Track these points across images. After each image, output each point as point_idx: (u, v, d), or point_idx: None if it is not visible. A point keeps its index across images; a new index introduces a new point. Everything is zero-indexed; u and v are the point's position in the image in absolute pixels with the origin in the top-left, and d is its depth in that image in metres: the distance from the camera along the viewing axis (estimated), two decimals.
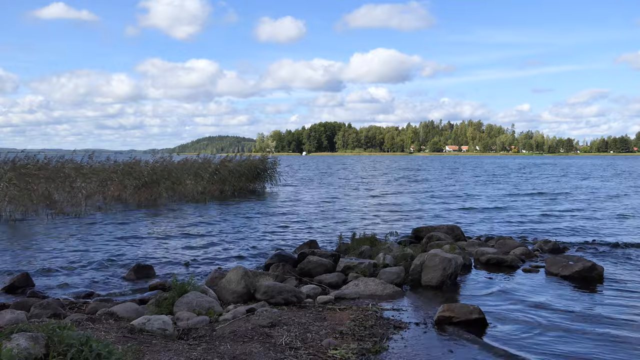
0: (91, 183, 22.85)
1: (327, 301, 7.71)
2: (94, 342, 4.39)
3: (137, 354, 5.01)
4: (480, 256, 10.87)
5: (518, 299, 8.06)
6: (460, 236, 13.29)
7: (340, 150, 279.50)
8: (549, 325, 6.78)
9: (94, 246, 12.93)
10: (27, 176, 19.23)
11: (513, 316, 7.17)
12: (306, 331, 6.15)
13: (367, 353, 5.56)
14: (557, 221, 18.00)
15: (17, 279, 9.06)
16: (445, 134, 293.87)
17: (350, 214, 20.17)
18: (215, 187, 27.36)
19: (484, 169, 71.71)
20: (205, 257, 11.94)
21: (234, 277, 7.95)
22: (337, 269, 9.59)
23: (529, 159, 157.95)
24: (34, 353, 4.26)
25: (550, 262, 10.03)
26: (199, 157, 29.67)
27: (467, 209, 21.79)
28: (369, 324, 6.54)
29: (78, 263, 11.08)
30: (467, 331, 6.41)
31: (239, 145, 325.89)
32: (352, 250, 11.28)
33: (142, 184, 24.21)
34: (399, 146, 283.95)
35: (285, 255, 10.51)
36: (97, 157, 25.95)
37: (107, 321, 6.40)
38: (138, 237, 14.35)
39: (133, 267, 10.12)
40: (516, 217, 19.14)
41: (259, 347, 5.53)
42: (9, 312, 6.50)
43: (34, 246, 12.92)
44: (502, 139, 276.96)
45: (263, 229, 16.01)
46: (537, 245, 12.41)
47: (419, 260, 9.11)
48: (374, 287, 8.36)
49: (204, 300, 7.09)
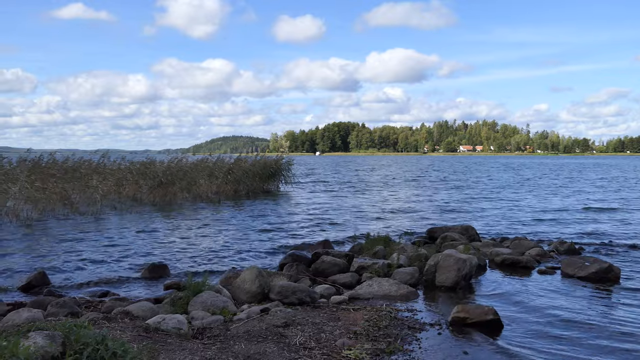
0: (107, 183, 23.03)
1: (341, 301, 7.70)
2: (110, 341, 4.42)
3: (152, 352, 5.03)
4: (495, 257, 10.81)
5: (534, 300, 7.99)
6: (475, 236, 13.21)
7: (353, 150, 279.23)
8: (565, 328, 6.71)
9: (109, 245, 13.03)
10: (43, 176, 19.42)
11: (528, 318, 7.11)
12: (320, 331, 6.15)
13: (381, 353, 5.55)
14: (572, 222, 17.85)
15: (34, 278, 9.15)
16: (459, 134, 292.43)
17: (364, 214, 20.14)
18: (230, 187, 27.44)
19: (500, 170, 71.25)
20: (219, 256, 11.98)
21: (248, 276, 7.97)
22: (351, 269, 9.58)
23: (550, 159, 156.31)
24: (51, 351, 4.29)
25: (566, 263, 9.94)
26: (211, 157, 29.77)
27: (484, 210, 21.68)
28: (383, 324, 6.53)
29: (93, 262, 11.17)
30: (482, 333, 6.37)
31: (252, 146, 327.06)
32: (366, 250, 11.26)
33: (157, 184, 24.35)
34: (412, 146, 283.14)
35: (299, 255, 10.51)
36: (112, 157, 26.17)
37: (122, 320, 6.44)
38: (153, 237, 14.44)
39: (148, 267, 10.18)
40: (531, 217, 18.99)
41: (273, 346, 5.53)
42: (26, 311, 6.56)
43: (51, 245, 13.05)
44: (517, 139, 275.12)
45: (277, 229, 16.04)
46: (552, 246, 12.30)
47: (433, 260, 9.08)
48: (388, 288, 8.34)
49: (219, 299, 7.12)
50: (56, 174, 20.09)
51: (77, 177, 21.37)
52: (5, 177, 18.61)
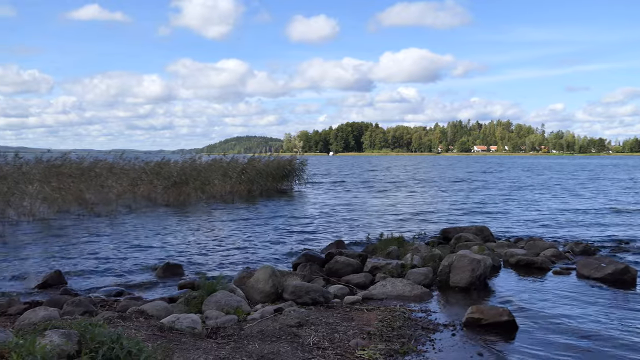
0: (122, 183, 23.20)
1: (355, 301, 7.70)
2: (125, 340, 4.45)
3: (167, 351, 5.06)
4: (510, 257, 10.74)
5: (549, 302, 7.93)
6: (489, 237, 13.14)
7: (367, 151, 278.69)
8: (580, 329, 6.64)
9: (124, 245, 13.12)
10: (59, 176, 19.60)
11: (543, 319, 7.04)
12: (334, 331, 6.14)
13: (395, 354, 5.53)
14: (589, 223, 17.69)
15: (50, 277, 9.25)
16: (473, 134, 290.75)
17: (377, 215, 20.10)
18: (243, 187, 27.53)
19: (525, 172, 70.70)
20: (233, 256, 12.02)
21: (262, 276, 7.99)
22: (364, 270, 9.57)
23: (567, 159, 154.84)
24: (66, 350, 4.33)
25: (582, 264, 9.84)
26: (225, 157, 29.88)
27: (499, 211, 21.55)
28: (396, 324, 6.51)
29: (109, 261, 11.26)
30: (497, 334, 6.33)
31: (266, 146, 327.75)
32: (379, 250, 11.24)
33: (172, 183, 24.49)
34: (426, 146, 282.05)
35: (312, 255, 10.51)
36: (127, 157, 26.35)
37: (137, 319, 6.48)
38: (167, 237, 14.52)
39: (162, 266, 10.24)
40: (546, 218, 18.85)
41: (286, 346, 5.54)
42: (43, 309, 6.62)
43: (66, 244, 13.16)
44: (532, 138, 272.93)
45: (290, 229, 16.06)
46: (568, 247, 12.20)
47: (447, 261, 9.04)
48: (401, 288, 8.32)
49: (232, 299, 7.14)
50: (72, 174, 20.28)
51: (92, 177, 21.56)
52: (23, 177, 18.80)
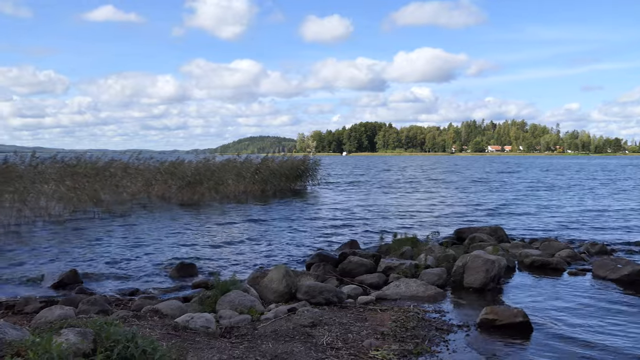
0: (137, 182, 23.36)
1: (368, 302, 7.69)
2: (140, 339, 4.48)
3: (181, 351, 5.09)
4: (524, 258, 10.67)
5: (564, 303, 7.87)
6: (504, 237, 13.06)
7: (380, 151, 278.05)
8: (595, 331, 6.58)
9: (138, 244, 13.21)
10: (75, 175, 19.78)
11: (559, 320, 7.00)
12: (347, 331, 6.14)
13: (408, 355, 5.52)
14: (603, 223, 17.51)
15: (66, 276, 9.34)
16: (487, 134, 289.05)
17: (391, 214, 20.06)
18: (257, 187, 27.59)
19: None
20: (246, 256, 12.05)
21: (276, 276, 8.00)
22: (378, 270, 9.55)
23: (583, 159, 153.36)
24: (82, 348, 4.37)
25: (598, 265, 9.75)
26: (239, 157, 29.96)
27: (514, 211, 21.41)
28: (410, 325, 6.49)
29: (123, 260, 11.34)
30: (512, 335, 6.29)
31: (279, 146, 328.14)
32: (393, 250, 11.22)
33: (186, 183, 24.61)
34: (440, 146, 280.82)
35: (326, 255, 10.52)
36: (142, 157, 26.52)
37: (151, 318, 6.52)
38: (181, 236, 14.59)
39: (177, 266, 10.29)
40: (563, 219, 18.69)
41: (300, 346, 5.54)
42: (59, 308, 6.68)
43: (82, 244, 13.27)
44: (547, 138, 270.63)
45: (304, 229, 16.07)
46: (583, 248, 12.09)
47: (461, 261, 9.00)
48: (415, 288, 8.29)
49: (246, 299, 7.16)
50: (87, 173, 20.45)
51: (107, 177, 21.72)
52: (39, 177, 18.99)
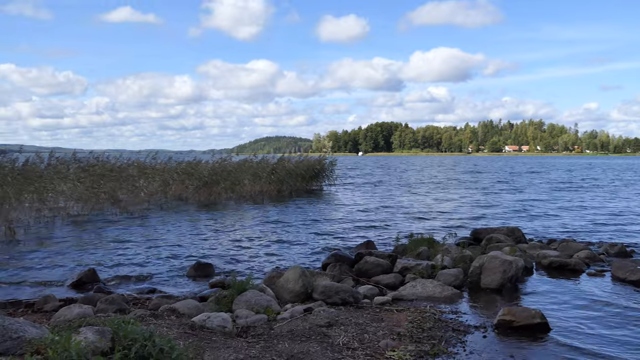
0: (154, 183, 23.54)
1: (384, 302, 7.67)
2: (157, 338, 4.51)
3: (198, 350, 5.12)
4: (542, 259, 10.57)
5: (582, 304, 7.79)
6: (521, 238, 12.95)
7: (396, 151, 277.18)
8: (615, 334, 6.51)
9: (156, 244, 13.30)
10: (93, 175, 19.99)
11: (577, 322, 6.93)
12: (363, 332, 6.13)
13: (425, 355, 5.49)
14: (626, 225, 17.31)
15: (85, 275, 9.43)
16: (504, 134, 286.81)
17: (407, 215, 19.99)
18: (273, 187, 27.65)
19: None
20: (263, 256, 12.08)
21: (292, 276, 8.01)
22: (394, 270, 9.53)
23: (603, 159, 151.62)
24: (100, 346, 4.41)
25: (617, 267, 9.63)
26: (255, 157, 30.06)
27: (532, 212, 21.24)
28: (427, 326, 6.47)
29: (141, 260, 11.43)
30: (529, 336, 6.24)
31: (295, 146, 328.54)
32: (409, 251, 11.18)
33: (203, 183, 24.75)
34: (456, 146, 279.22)
35: (342, 255, 10.50)
36: (159, 157, 26.72)
37: (169, 317, 6.57)
38: (198, 236, 14.67)
39: (193, 265, 10.35)
40: (583, 220, 18.50)
41: (316, 346, 5.55)
42: (77, 307, 6.76)
43: (100, 243, 13.40)
44: (565, 138, 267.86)
45: (320, 229, 16.07)
46: (602, 249, 11.95)
47: (478, 262, 8.94)
48: (431, 289, 8.26)
49: (262, 298, 7.18)
50: (105, 173, 20.65)
51: (124, 177, 21.92)
52: (57, 176, 19.21)
